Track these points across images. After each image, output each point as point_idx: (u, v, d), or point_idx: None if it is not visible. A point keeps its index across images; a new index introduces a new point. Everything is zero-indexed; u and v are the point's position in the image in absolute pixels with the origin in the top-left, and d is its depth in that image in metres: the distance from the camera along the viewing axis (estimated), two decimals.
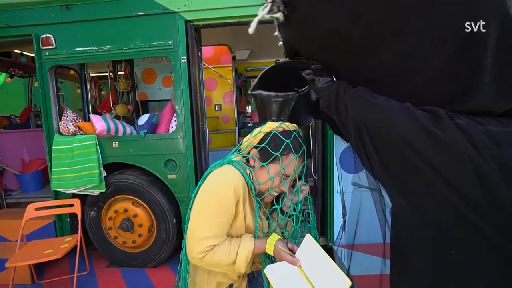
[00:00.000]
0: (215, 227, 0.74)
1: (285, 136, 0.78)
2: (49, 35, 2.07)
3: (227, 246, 0.75)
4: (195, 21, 2.03)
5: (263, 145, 0.78)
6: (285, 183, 0.79)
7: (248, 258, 0.75)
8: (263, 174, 0.79)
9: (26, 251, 1.92)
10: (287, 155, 0.78)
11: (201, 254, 0.73)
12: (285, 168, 0.78)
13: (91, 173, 2.10)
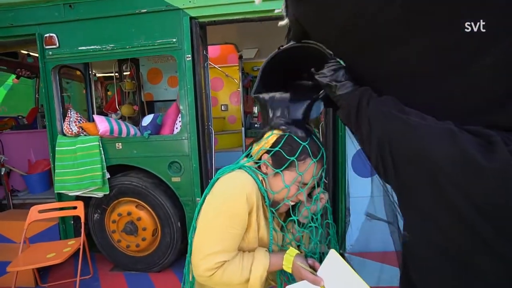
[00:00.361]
0: (225, 241, 0.65)
1: (301, 138, 0.68)
2: (52, 34, 2.03)
3: (239, 262, 0.66)
4: (200, 18, 1.95)
5: (277, 149, 0.68)
6: (302, 191, 0.69)
7: (263, 276, 0.66)
8: (278, 182, 0.70)
9: (28, 254, 1.88)
10: (304, 160, 0.68)
11: (209, 271, 0.64)
12: (302, 175, 0.68)
13: (94, 175, 2.05)
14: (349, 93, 0.60)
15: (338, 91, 0.60)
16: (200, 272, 0.65)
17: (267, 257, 0.68)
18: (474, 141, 0.45)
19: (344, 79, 0.61)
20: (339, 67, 0.63)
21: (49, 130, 2.16)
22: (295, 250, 0.69)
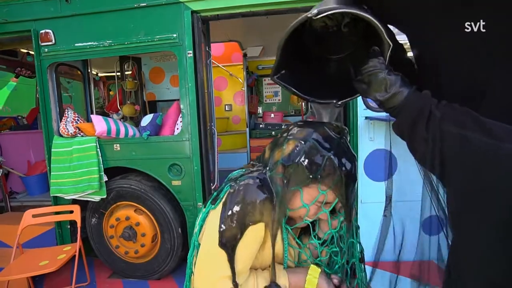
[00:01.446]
0: (240, 262, 0.54)
1: (326, 147, 0.54)
2: (48, 30, 1.94)
3: (253, 285, 0.55)
4: (202, 12, 1.84)
5: (295, 163, 0.55)
6: (326, 212, 0.57)
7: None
8: (296, 199, 0.57)
9: (21, 262, 1.79)
10: (329, 177, 0.54)
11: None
12: (326, 194, 0.55)
13: (91, 178, 1.96)
14: (410, 101, 0.47)
15: (387, 104, 0.49)
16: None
17: (286, 277, 0.57)
18: None
19: (392, 88, 0.48)
20: (383, 71, 0.49)
21: (44, 130, 2.07)
22: (317, 269, 0.58)
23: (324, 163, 0.53)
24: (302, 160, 0.55)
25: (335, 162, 0.54)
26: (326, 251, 0.62)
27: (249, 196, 0.54)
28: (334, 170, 0.54)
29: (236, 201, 0.54)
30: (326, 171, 0.54)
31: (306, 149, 0.55)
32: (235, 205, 0.53)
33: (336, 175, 0.54)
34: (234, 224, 0.53)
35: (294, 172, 0.55)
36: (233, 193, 0.54)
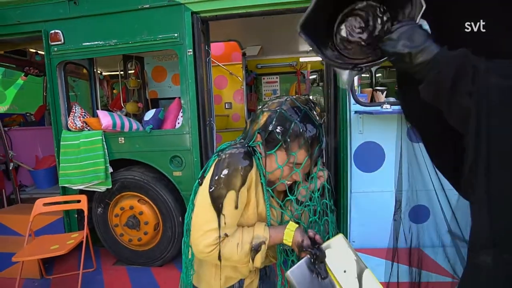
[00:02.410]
0: (226, 217, 0.65)
1: (293, 115, 0.65)
2: (58, 30, 2.07)
3: (238, 237, 0.66)
4: (201, 13, 1.96)
5: (269, 130, 0.66)
6: (297, 171, 0.67)
7: (264, 251, 0.66)
8: (271, 162, 0.68)
9: (33, 246, 1.92)
10: (296, 140, 0.65)
11: (209, 247, 0.64)
12: (295, 155, 0.65)
13: (97, 169, 2.08)
14: (445, 54, 0.43)
15: (417, 58, 0.45)
16: (200, 248, 0.64)
17: (267, 231, 0.67)
18: None
19: (424, 42, 0.45)
20: (413, 26, 0.47)
21: (54, 125, 2.21)
22: (295, 224, 0.67)
23: (291, 128, 0.64)
24: (273, 127, 0.66)
25: (300, 127, 0.64)
26: (305, 210, 0.73)
27: (233, 163, 0.64)
28: (300, 134, 0.64)
29: (222, 167, 0.65)
30: (293, 135, 0.65)
31: (276, 118, 0.66)
32: (221, 171, 0.64)
33: (302, 138, 0.65)
34: (221, 186, 0.64)
35: (268, 138, 0.67)
36: (220, 161, 0.66)
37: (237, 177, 0.63)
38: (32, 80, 4.35)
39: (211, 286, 0.73)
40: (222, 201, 0.63)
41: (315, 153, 0.67)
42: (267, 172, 0.69)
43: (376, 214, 1.97)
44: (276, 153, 0.66)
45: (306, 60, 4.33)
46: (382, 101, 1.96)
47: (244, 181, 0.64)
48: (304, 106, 0.67)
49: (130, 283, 2.09)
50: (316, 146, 0.66)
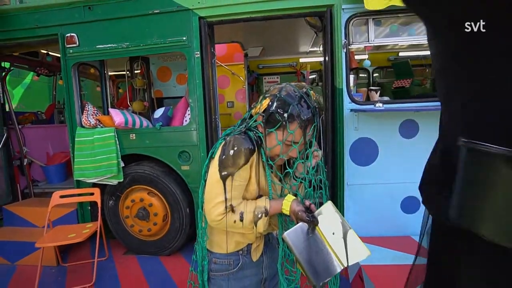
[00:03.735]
0: (231, 191, 0.77)
1: (290, 99, 0.76)
2: (73, 34, 2.21)
3: (243, 207, 0.78)
4: (208, 18, 2.10)
5: (269, 112, 0.77)
6: (295, 147, 0.78)
7: (265, 219, 0.77)
8: (272, 139, 0.80)
9: (52, 234, 2.06)
10: (294, 120, 0.76)
11: (220, 216, 0.76)
12: (293, 134, 0.76)
13: (110, 164, 2.23)
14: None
15: None
16: (213, 217, 0.77)
17: (268, 202, 0.79)
18: None
19: None
20: None
21: (68, 122, 2.34)
22: (292, 196, 0.80)
23: (289, 110, 0.75)
24: (273, 109, 0.77)
25: (297, 109, 0.75)
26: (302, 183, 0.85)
27: (238, 145, 0.77)
28: (297, 115, 0.75)
29: (228, 149, 0.77)
30: (291, 116, 0.75)
31: (277, 101, 0.78)
32: (228, 152, 0.77)
33: (299, 119, 0.75)
34: (227, 164, 0.77)
35: (269, 118, 0.79)
36: (226, 144, 0.79)
37: (240, 157, 0.76)
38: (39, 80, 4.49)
39: (223, 249, 0.86)
40: (228, 177, 0.77)
41: (310, 132, 0.78)
42: (267, 148, 0.80)
43: (370, 204, 2.12)
44: (276, 131, 0.78)
45: (305, 61, 4.48)
46: (376, 99, 2.11)
47: (247, 160, 0.77)
48: (300, 91, 0.79)
49: (141, 270, 2.23)
50: (311, 126, 0.77)
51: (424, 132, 2.04)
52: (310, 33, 3.32)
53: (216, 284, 0.88)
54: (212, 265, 0.87)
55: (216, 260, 0.87)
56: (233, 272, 0.86)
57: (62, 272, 2.23)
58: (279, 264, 0.87)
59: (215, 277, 0.87)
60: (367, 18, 1.97)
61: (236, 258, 0.86)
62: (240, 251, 0.87)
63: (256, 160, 0.80)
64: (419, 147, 2.04)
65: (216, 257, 0.87)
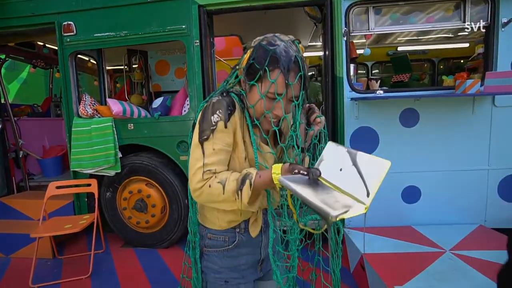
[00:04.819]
0: (211, 156, 0.68)
1: (271, 46, 0.67)
2: (70, 22, 2.18)
3: (226, 175, 0.68)
4: (207, 6, 2.09)
5: (249, 63, 0.69)
6: (279, 99, 0.68)
7: (249, 185, 0.65)
8: (253, 94, 0.71)
9: (48, 225, 2.02)
10: (275, 67, 0.66)
11: (200, 183, 0.67)
12: (275, 82, 0.66)
13: (107, 154, 2.19)
14: None
15: None
16: (193, 185, 0.68)
17: (255, 169, 0.69)
18: None
19: None
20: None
21: (65, 112, 2.31)
22: (279, 164, 0.64)
23: (269, 56, 0.66)
24: (253, 58, 0.69)
25: (278, 55, 0.65)
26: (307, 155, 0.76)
27: (216, 107, 0.70)
28: (277, 60, 0.66)
29: (207, 111, 0.71)
30: (271, 63, 0.66)
31: (256, 51, 0.69)
32: (206, 114, 0.71)
33: (280, 65, 0.66)
34: (206, 127, 0.69)
35: (249, 70, 0.70)
36: (206, 107, 0.72)
37: (219, 119, 0.69)
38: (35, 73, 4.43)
39: (217, 226, 0.80)
40: (206, 140, 0.69)
41: (296, 82, 0.68)
42: (250, 105, 0.72)
43: None
44: (257, 83, 0.69)
45: (304, 55, 4.47)
46: (376, 89, 2.10)
47: (226, 122, 0.69)
48: (285, 39, 0.70)
49: (139, 262, 2.20)
50: (295, 74, 0.67)
51: (424, 121, 2.03)
52: (309, 27, 3.32)
53: (209, 260, 0.83)
54: (207, 240, 0.82)
55: (211, 235, 0.82)
56: (228, 249, 0.81)
57: (57, 265, 2.19)
58: (270, 249, 0.75)
59: (209, 253, 0.83)
60: (367, 6, 1.97)
61: (232, 235, 0.81)
62: (237, 229, 0.81)
63: (240, 124, 0.73)
64: (419, 136, 2.04)
65: (212, 233, 0.82)
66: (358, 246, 1.81)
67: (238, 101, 0.75)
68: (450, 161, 2.05)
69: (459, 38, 3.68)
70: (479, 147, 2.02)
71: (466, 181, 2.05)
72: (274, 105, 0.70)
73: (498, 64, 1.94)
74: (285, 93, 0.68)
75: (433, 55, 3.91)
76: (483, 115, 1.99)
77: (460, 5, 1.96)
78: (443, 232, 1.94)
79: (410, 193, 2.11)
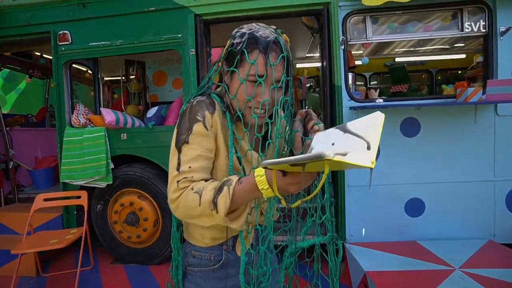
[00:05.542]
0: (187, 163, 0.61)
1: (249, 30, 0.64)
2: (66, 31, 2.16)
3: (203, 184, 0.60)
4: (204, 16, 2.08)
5: (228, 51, 0.65)
6: (260, 81, 0.62)
7: (228, 199, 0.55)
8: (234, 81, 0.65)
9: (32, 240, 1.91)
10: (253, 48, 0.62)
11: (176, 192, 0.60)
12: (254, 63, 0.61)
13: (98, 165, 2.12)
14: None
15: None
16: (169, 196, 0.61)
17: (236, 176, 0.59)
18: None
19: None
20: None
21: (58, 121, 2.25)
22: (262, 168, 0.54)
23: (245, 38, 0.62)
24: (231, 45, 0.65)
25: (255, 36, 0.62)
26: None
27: (193, 111, 0.63)
28: (255, 41, 0.62)
29: (184, 115, 0.65)
30: (249, 44, 0.62)
31: (234, 37, 0.66)
32: (184, 117, 0.64)
33: (259, 45, 0.61)
34: (182, 131, 0.63)
35: (228, 57, 0.66)
36: (184, 110, 0.66)
37: (197, 122, 0.63)
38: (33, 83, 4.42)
39: (200, 242, 0.72)
40: (183, 145, 0.63)
41: (278, 62, 0.62)
42: (232, 96, 0.66)
43: (372, 207, 2.01)
44: (237, 69, 0.64)
45: (302, 66, 4.48)
46: (375, 98, 2.06)
47: (205, 124, 0.63)
48: (264, 25, 0.66)
49: (128, 280, 2.07)
50: (276, 55, 0.63)
51: (426, 131, 1.97)
52: (307, 38, 3.33)
53: (192, 281, 0.73)
54: (191, 258, 0.73)
55: (195, 253, 0.73)
56: (213, 269, 0.72)
57: (41, 283, 2.06)
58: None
59: (193, 272, 0.73)
60: (364, 15, 1.96)
61: (218, 253, 0.72)
62: (224, 246, 0.73)
63: (222, 127, 0.66)
64: (421, 146, 1.97)
65: (196, 250, 0.73)
66: (361, 263, 1.70)
67: (219, 102, 0.68)
68: (455, 172, 1.97)
69: (456, 49, 3.70)
70: (484, 158, 1.95)
71: (472, 193, 1.96)
72: (256, 89, 0.63)
73: (498, 72, 1.91)
74: (267, 76, 0.62)
75: (430, 66, 3.92)
76: (486, 124, 1.93)
77: (457, 14, 1.95)
78: (450, 248, 1.84)
79: (414, 206, 2.02)
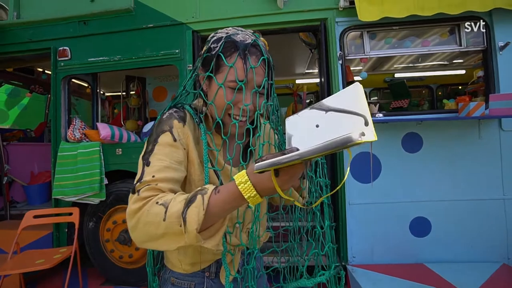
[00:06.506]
0: (157, 172, 0.53)
1: (225, 34, 0.60)
2: (66, 47, 2.19)
3: (171, 196, 0.50)
4: (201, 32, 2.10)
5: (203, 56, 0.62)
6: (241, 84, 0.57)
7: (202, 210, 0.46)
8: (213, 87, 0.61)
9: (17, 260, 1.82)
10: (231, 52, 0.58)
11: (137, 203, 0.49)
12: (233, 66, 0.57)
13: (92, 180, 2.06)
14: None
15: None
16: (128, 207, 0.51)
17: (211, 186, 0.50)
18: None
19: None
20: None
21: (53, 136, 2.23)
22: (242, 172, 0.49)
23: (222, 43, 0.59)
24: (208, 50, 0.61)
25: (232, 39, 0.59)
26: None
27: (162, 123, 0.60)
28: (234, 45, 0.58)
29: (153, 129, 0.61)
30: (228, 49, 0.58)
31: (209, 42, 0.62)
32: (153, 131, 0.60)
33: (237, 50, 0.58)
34: (150, 141, 0.59)
35: (204, 62, 0.62)
36: (157, 123, 0.62)
37: (165, 135, 0.58)
38: (36, 99, 4.47)
39: (179, 269, 0.67)
40: (150, 155, 0.56)
41: (258, 64, 0.59)
42: (209, 102, 0.61)
43: (375, 226, 1.91)
44: (216, 76, 0.60)
45: (302, 82, 4.51)
46: (375, 112, 2.02)
47: (174, 136, 0.59)
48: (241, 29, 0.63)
49: None
50: (257, 58, 0.59)
51: (428, 146, 1.91)
52: (306, 54, 3.36)
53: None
54: (169, 286, 0.68)
55: (175, 280, 0.67)
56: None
57: None
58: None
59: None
60: (361, 30, 1.96)
61: (199, 281, 0.66)
62: (207, 272, 0.66)
63: (195, 139, 0.62)
64: (424, 162, 1.90)
65: (175, 277, 0.67)
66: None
67: (193, 114, 0.64)
68: (461, 190, 1.88)
69: (455, 64, 3.70)
70: (491, 174, 1.87)
71: (481, 212, 1.87)
72: (237, 96, 0.59)
73: (500, 86, 1.87)
74: (247, 80, 0.58)
75: (430, 82, 3.92)
76: (491, 139, 1.87)
77: (455, 29, 1.95)
78: (462, 272, 1.71)
79: (419, 225, 1.92)
